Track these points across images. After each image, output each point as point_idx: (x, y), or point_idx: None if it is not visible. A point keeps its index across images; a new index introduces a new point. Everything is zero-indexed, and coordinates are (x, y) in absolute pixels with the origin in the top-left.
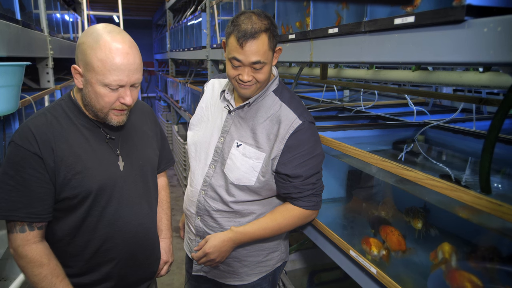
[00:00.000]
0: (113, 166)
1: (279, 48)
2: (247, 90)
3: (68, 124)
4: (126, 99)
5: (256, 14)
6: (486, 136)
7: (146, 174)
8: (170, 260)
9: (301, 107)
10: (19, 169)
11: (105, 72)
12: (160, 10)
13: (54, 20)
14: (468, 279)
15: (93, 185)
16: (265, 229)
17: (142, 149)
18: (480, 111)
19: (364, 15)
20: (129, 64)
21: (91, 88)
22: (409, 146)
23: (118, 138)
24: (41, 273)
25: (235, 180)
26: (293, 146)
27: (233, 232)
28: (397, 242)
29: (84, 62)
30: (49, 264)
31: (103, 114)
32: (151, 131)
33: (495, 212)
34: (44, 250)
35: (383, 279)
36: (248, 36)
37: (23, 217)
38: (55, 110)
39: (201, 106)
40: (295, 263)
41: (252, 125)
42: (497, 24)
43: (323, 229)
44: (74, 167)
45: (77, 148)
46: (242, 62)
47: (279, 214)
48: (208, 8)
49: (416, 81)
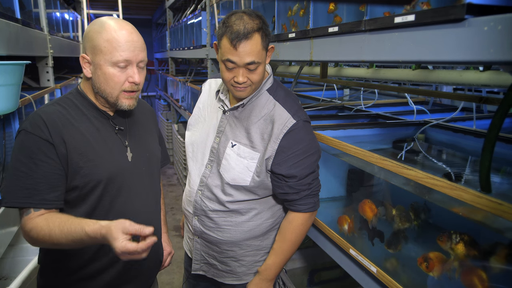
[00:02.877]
0: (122, 156)
1: (271, 47)
2: (243, 92)
3: (78, 114)
4: (134, 77)
5: (247, 14)
6: (486, 135)
7: (152, 167)
8: (172, 251)
9: (296, 105)
10: (32, 156)
11: (112, 50)
12: (160, 9)
13: (54, 19)
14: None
15: (104, 173)
16: (283, 251)
17: (148, 142)
18: (480, 110)
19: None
20: (134, 41)
21: (100, 72)
22: (409, 145)
23: (126, 129)
24: (43, 229)
25: (231, 180)
26: (287, 146)
27: (259, 273)
28: (369, 210)
29: (92, 47)
30: (47, 220)
31: (114, 98)
32: (153, 127)
33: (495, 211)
34: (44, 218)
35: (383, 278)
36: (241, 37)
37: (36, 204)
38: (65, 102)
39: (198, 106)
40: (295, 261)
41: (246, 125)
42: (498, 23)
43: (323, 228)
44: (86, 155)
45: (88, 136)
46: (237, 63)
47: (286, 230)
48: (208, 7)
49: (416, 80)
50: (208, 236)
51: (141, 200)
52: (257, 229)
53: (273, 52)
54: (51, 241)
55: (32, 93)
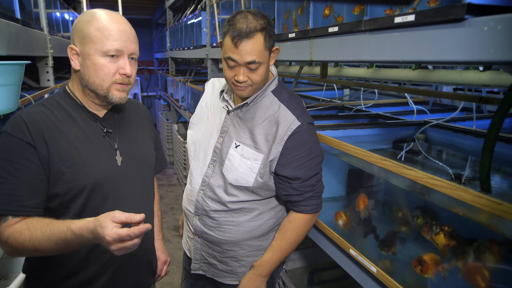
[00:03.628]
0: (111, 161)
1: (276, 48)
2: (244, 92)
3: (64, 116)
4: (126, 68)
5: (252, 14)
6: (486, 135)
7: (144, 172)
8: (168, 259)
9: (300, 108)
10: (11, 160)
11: (103, 39)
12: (160, 9)
13: (54, 19)
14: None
15: (89, 179)
16: (280, 249)
17: (140, 145)
18: (480, 110)
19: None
20: (126, 31)
21: (89, 62)
22: (409, 145)
23: (115, 132)
24: (23, 234)
25: (233, 180)
26: (292, 148)
27: (254, 267)
28: (362, 203)
29: (81, 37)
30: (27, 224)
31: (104, 91)
32: (148, 130)
33: (495, 211)
34: (24, 222)
35: (383, 278)
36: (243, 36)
37: (14, 211)
38: (50, 103)
39: (201, 105)
40: (295, 261)
41: (250, 126)
42: (498, 23)
43: (323, 228)
44: (69, 159)
45: (73, 139)
46: (237, 62)
47: (286, 229)
48: (208, 7)
49: (416, 80)
50: (209, 236)
51: (131, 206)
52: (258, 229)
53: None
54: (31, 245)
55: (32, 93)
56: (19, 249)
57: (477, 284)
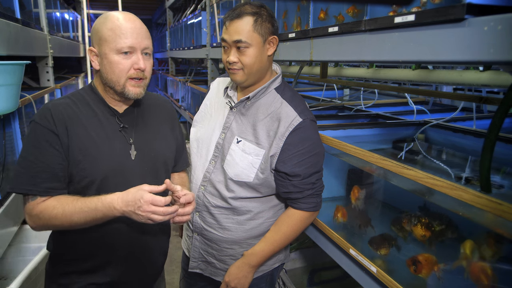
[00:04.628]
0: (124, 154)
1: (273, 37)
2: (236, 76)
3: (87, 109)
4: (139, 63)
5: (251, 3)
6: (486, 135)
7: (156, 167)
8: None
9: (302, 105)
10: (38, 146)
11: (115, 38)
12: (160, 9)
13: (54, 19)
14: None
15: (102, 169)
16: (274, 242)
17: (156, 142)
18: (480, 110)
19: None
20: (137, 28)
21: (106, 61)
22: (409, 145)
23: (132, 127)
24: (56, 207)
25: (234, 176)
26: (293, 144)
27: (244, 256)
28: (356, 194)
29: (98, 39)
30: (58, 199)
31: (121, 87)
32: (169, 126)
33: (495, 211)
34: (54, 198)
35: (383, 278)
36: (232, 16)
37: (41, 191)
38: (76, 96)
39: (205, 103)
40: (296, 261)
41: (253, 122)
42: (498, 23)
43: (323, 228)
44: (86, 149)
45: (92, 131)
46: (227, 41)
47: (282, 223)
48: (208, 7)
49: (416, 80)
50: (208, 233)
51: None
52: (258, 228)
53: (276, 47)
54: (64, 217)
55: (32, 93)
56: (51, 222)
57: (477, 280)
